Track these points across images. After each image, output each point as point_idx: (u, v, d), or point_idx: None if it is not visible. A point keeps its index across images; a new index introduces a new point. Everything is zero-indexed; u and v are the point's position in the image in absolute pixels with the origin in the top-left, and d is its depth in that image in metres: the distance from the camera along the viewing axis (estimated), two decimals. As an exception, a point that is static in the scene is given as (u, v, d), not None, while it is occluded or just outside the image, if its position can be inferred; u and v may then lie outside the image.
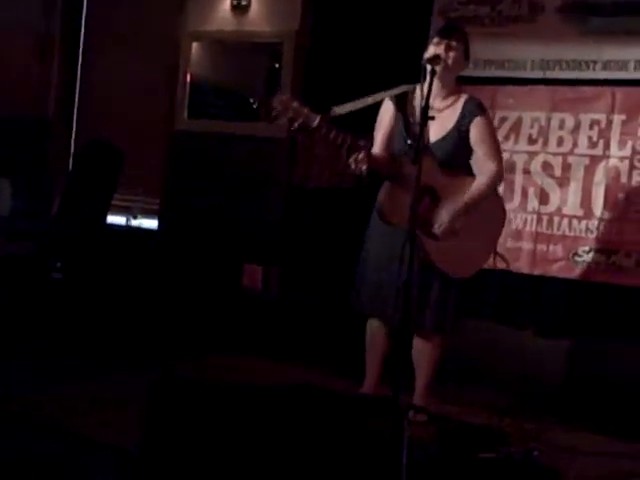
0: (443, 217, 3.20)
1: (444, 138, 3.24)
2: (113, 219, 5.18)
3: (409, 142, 3.14)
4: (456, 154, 3.26)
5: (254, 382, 3.42)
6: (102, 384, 3.59)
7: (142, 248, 5.04)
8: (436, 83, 3.14)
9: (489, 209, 3.33)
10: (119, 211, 5.28)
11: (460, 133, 3.25)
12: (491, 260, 3.40)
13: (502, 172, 3.34)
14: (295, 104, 3.06)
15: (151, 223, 5.31)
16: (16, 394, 3.27)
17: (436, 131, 3.22)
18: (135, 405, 2.76)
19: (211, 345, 4.34)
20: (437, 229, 3.20)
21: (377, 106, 3.35)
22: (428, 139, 3.19)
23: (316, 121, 3.05)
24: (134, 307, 4.49)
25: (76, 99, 5.66)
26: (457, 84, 3.34)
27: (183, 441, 2.60)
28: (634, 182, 4.04)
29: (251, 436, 2.58)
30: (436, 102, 3.22)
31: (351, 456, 2.47)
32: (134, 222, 5.35)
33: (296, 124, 3.07)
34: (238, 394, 2.81)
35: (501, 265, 3.41)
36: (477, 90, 3.95)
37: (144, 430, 2.59)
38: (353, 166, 3.10)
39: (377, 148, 3.33)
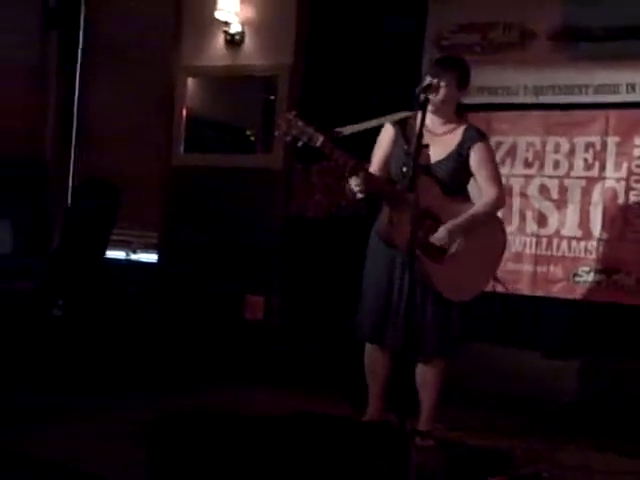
0: (442, 231, 3.20)
1: (445, 159, 3.27)
2: (112, 254, 5.18)
3: (404, 169, 3.16)
4: (456, 176, 3.29)
5: (258, 412, 3.40)
6: (105, 419, 3.56)
7: (142, 282, 5.04)
8: (434, 110, 3.18)
9: (490, 233, 3.34)
10: (118, 246, 5.28)
11: (460, 157, 3.28)
12: (490, 284, 3.41)
13: (504, 197, 3.38)
14: (300, 123, 3.10)
15: (150, 257, 5.32)
16: (17, 432, 3.23)
17: (437, 153, 3.25)
18: (139, 439, 2.75)
19: (215, 377, 4.32)
20: (435, 240, 3.20)
21: (374, 133, 3.38)
22: (428, 160, 3.22)
23: (320, 140, 3.08)
24: (135, 342, 4.48)
25: (73, 136, 5.68)
26: (456, 112, 3.36)
27: (186, 475, 2.59)
28: (631, 202, 4.07)
29: (255, 467, 2.57)
30: (436, 128, 3.28)
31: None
32: (133, 256, 5.35)
33: (300, 143, 3.11)
34: (240, 426, 2.80)
35: (500, 289, 3.41)
36: (472, 116, 3.96)
37: (148, 467, 2.57)
38: (353, 188, 3.13)
39: (374, 169, 3.35)
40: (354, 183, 3.11)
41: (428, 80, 3.19)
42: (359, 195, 3.15)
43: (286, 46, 4.91)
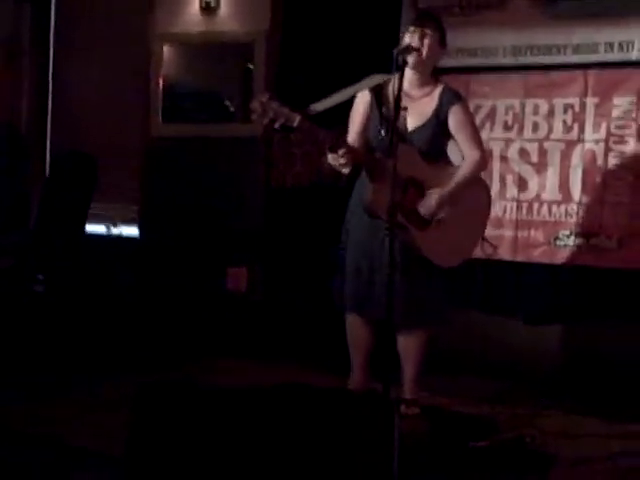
0: (430, 200, 3.19)
1: (423, 126, 3.24)
2: (93, 228, 5.14)
3: (383, 133, 3.13)
4: (435, 141, 3.26)
5: (242, 384, 3.41)
6: (90, 393, 3.58)
7: (124, 256, 5.01)
8: (412, 72, 3.15)
9: (474, 196, 3.34)
10: (99, 220, 5.24)
11: (439, 120, 3.25)
12: (479, 247, 3.41)
13: (486, 158, 3.37)
14: (275, 104, 3.05)
15: (132, 230, 5.28)
16: (3, 406, 3.24)
17: (414, 119, 3.23)
18: (121, 411, 2.75)
19: (198, 349, 4.33)
20: (423, 211, 3.19)
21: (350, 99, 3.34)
22: (406, 127, 3.19)
23: (297, 120, 3.03)
24: (118, 316, 4.47)
25: (49, 108, 5.60)
26: (433, 74, 3.33)
27: (170, 445, 2.59)
28: (610, 165, 4.06)
29: (240, 438, 2.57)
30: (413, 91, 3.24)
31: (343, 452, 2.47)
32: (114, 230, 5.32)
33: (277, 124, 3.07)
34: (225, 396, 2.80)
35: (488, 250, 3.40)
36: (451, 79, 3.92)
37: (130, 436, 2.58)
38: (335, 163, 3.10)
39: (352, 136, 3.32)
40: (335, 158, 3.08)
41: (407, 41, 3.16)
42: (343, 170, 3.12)
43: (262, 11, 4.83)
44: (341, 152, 3.07)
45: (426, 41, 3.19)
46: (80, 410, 3.33)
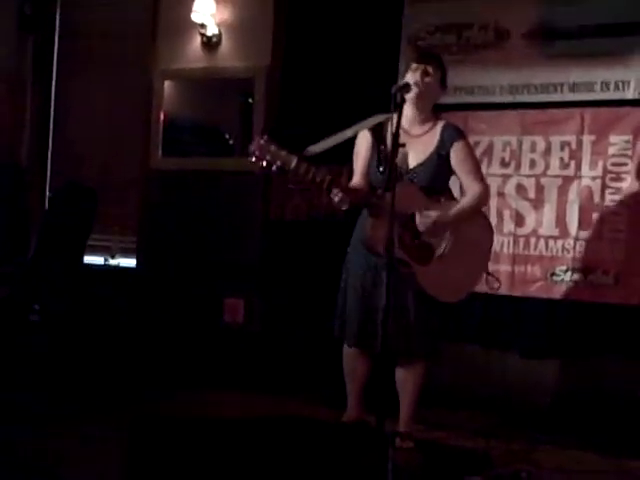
0: (430, 216, 3.18)
1: (424, 162, 3.27)
2: (91, 259, 5.15)
3: (381, 169, 3.16)
4: (437, 178, 3.28)
5: (239, 416, 3.39)
6: (85, 425, 3.54)
7: (121, 287, 5.01)
8: (412, 110, 3.19)
9: (476, 231, 3.33)
10: (97, 251, 5.25)
11: (440, 157, 3.28)
12: (483, 281, 3.41)
13: (488, 192, 3.39)
14: (273, 147, 3.09)
15: (129, 262, 5.28)
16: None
17: (416, 156, 3.25)
18: (118, 443, 2.73)
19: (195, 382, 4.30)
20: (422, 227, 3.18)
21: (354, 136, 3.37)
22: (407, 165, 3.21)
23: (294, 162, 3.07)
24: (114, 347, 4.46)
25: (50, 141, 5.65)
26: (434, 111, 3.37)
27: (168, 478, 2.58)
28: (607, 201, 4.09)
29: (237, 471, 2.56)
30: (414, 129, 3.27)
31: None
32: (112, 261, 5.32)
33: (274, 167, 3.10)
34: (221, 429, 2.79)
35: (495, 285, 3.40)
36: (449, 116, 3.97)
37: (126, 470, 2.56)
38: (335, 201, 3.12)
39: (357, 178, 3.35)
40: (335, 196, 3.11)
41: (409, 78, 3.20)
42: (342, 207, 3.14)
43: (263, 48, 4.89)
44: (337, 191, 3.09)
45: (427, 79, 3.24)
46: (75, 443, 3.29)
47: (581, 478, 3.07)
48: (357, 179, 3.35)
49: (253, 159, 3.12)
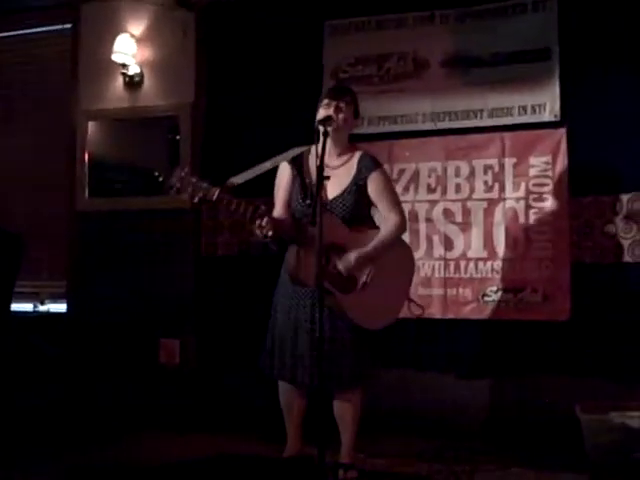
0: (349, 257, 3.22)
1: (342, 194, 3.30)
2: (19, 306, 5.01)
3: (308, 202, 3.18)
4: (356, 209, 3.32)
5: (177, 458, 3.33)
6: (18, 477, 3.42)
7: (52, 332, 4.89)
8: (329, 143, 3.22)
9: (398, 259, 3.38)
10: (25, 297, 5.12)
11: (358, 188, 3.32)
12: (406, 308, 3.44)
13: (405, 221, 3.42)
14: (194, 180, 3.10)
15: (60, 307, 5.16)
16: None
17: (334, 188, 3.28)
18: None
19: (131, 426, 4.22)
20: (341, 266, 3.20)
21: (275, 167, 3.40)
22: (326, 197, 3.24)
23: (215, 194, 3.08)
24: (47, 394, 4.34)
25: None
26: (350, 142, 3.42)
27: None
28: (531, 220, 4.20)
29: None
30: (331, 161, 3.30)
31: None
32: (42, 307, 5.19)
33: (196, 198, 3.10)
34: (157, 474, 2.73)
35: (417, 311, 3.44)
36: (374, 146, 4.08)
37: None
38: (258, 233, 3.12)
39: (279, 210, 3.37)
40: (258, 228, 3.11)
41: (322, 113, 3.24)
42: (267, 238, 3.14)
43: (186, 84, 4.90)
44: (259, 222, 3.10)
45: (341, 115, 3.28)
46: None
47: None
48: (279, 210, 3.36)
49: (174, 191, 3.11)
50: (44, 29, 5.34)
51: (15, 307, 4.80)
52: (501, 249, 4.23)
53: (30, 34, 5.36)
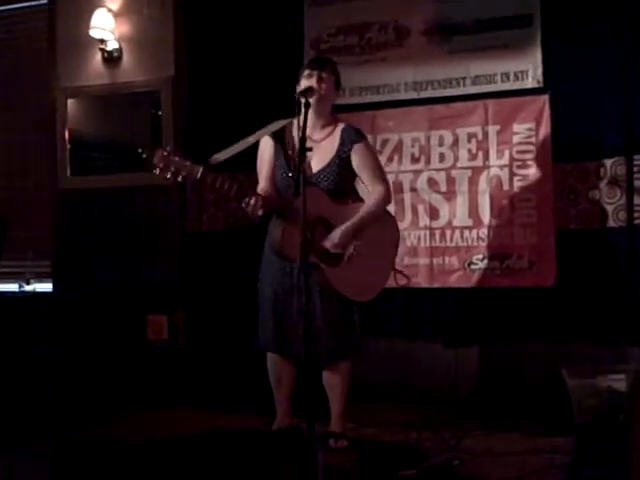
0: (335, 234, 3.22)
1: (326, 166, 3.29)
2: (5, 287, 4.99)
3: (290, 175, 3.17)
4: (340, 181, 3.31)
5: (168, 434, 3.34)
6: (11, 455, 3.42)
7: (39, 312, 4.87)
8: (312, 115, 3.19)
9: (382, 230, 3.39)
10: (11, 278, 5.09)
11: (342, 160, 3.31)
12: (392, 278, 3.45)
13: (390, 192, 3.41)
14: (176, 158, 3.07)
15: (46, 286, 5.14)
16: None
17: (317, 161, 3.27)
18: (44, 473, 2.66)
19: (122, 403, 4.22)
20: (328, 244, 3.21)
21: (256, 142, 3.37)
22: (310, 170, 3.23)
23: (199, 173, 3.06)
24: (36, 374, 4.33)
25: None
26: (332, 114, 3.40)
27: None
28: (516, 188, 4.20)
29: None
30: (314, 133, 3.28)
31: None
32: (28, 287, 5.17)
33: (179, 178, 3.08)
34: (149, 450, 2.74)
35: (402, 281, 3.46)
36: (356, 116, 4.07)
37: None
38: (248, 211, 3.11)
39: (263, 184, 3.36)
40: (248, 207, 3.09)
41: (304, 84, 3.21)
42: (257, 214, 3.12)
43: (166, 59, 4.84)
44: (248, 201, 3.08)
45: (323, 85, 3.26)
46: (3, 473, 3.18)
47: (510, 459, 3.13)
48: (263, 184, 3.35)
49: (157, 171, 3.09)
50: (20, 5, 5.26)
51: (1, 287, 4.79)
52: (486, 217, 4.24)
53: (5, 11, 5.28)
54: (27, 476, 3.01)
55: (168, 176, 3.10)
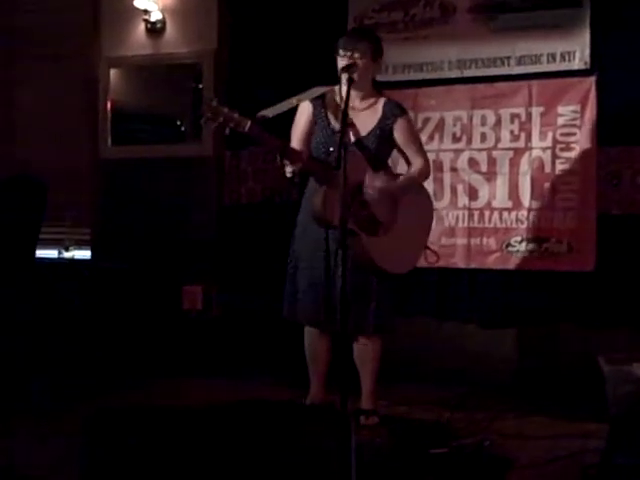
0: (376, 186, 3.21)
1: (367, 136, 3.28)
2: (44, 253, 5.06)
3: (331, 149, 3.16)
4: (379, 151, 3.31)
5: (201, 403, 3.37)
6: (49, 420, 3.49)
7: (77, 279, 4.93)
8: (352, 90, 3.17)
9: (419, 205, 3.40)
10: (50, 244, 5.16)
11: (383, 132, 3.30)
12: (422, 255, 3.45)
13: (429, 167, 3.44)
14: (225, 109, 3.05)
15: (84, 254, 5.21)
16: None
17: (359, 129, 3.26)
18: (78, 438, 2.69)
19: (156, 371, 4.28)
20: (368, 195, 3.19)
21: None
22: (350, 138, 3.21)
23: (247, 125, 3.04)
24: (73, 341, 4.40)
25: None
26: (374, 88, 3.38)
27: (127, 471, 2.54)
28: (558, 171, 4.14)
29: (198, 457, 2.54)
30: (355, 103, 3.28)
31: (301, 467, 2.45)
32: (66, 254, 5.23)
33: (227, 129, 3.07)
34: (181, 418, 2.76)
35: (432, 259, 3.45)
36: (399, 94, 4.01)
37: (85, 465, 2.52)
38: (288, 168, 3.10)
39: (297, 146, 3.33)
40: (287, 164, 3.10)
41: (341, 64, 3.19)
42: (289, 174, 3.13)
43: (209, 32, 4.84)
44: (291, 158, 3.08)
45: (357, 63, 3.21)
46: (38, 439, 3.24)
47: (541, 443, 3.12)
48: (298, 147, 3.32)
49: (204, 120, 3.07)
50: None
51: (40, 253, 4.84)
52: (526, 199, 4.19)
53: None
54: (67, 442, 3.06)
55: (214, 126, 3.08)
